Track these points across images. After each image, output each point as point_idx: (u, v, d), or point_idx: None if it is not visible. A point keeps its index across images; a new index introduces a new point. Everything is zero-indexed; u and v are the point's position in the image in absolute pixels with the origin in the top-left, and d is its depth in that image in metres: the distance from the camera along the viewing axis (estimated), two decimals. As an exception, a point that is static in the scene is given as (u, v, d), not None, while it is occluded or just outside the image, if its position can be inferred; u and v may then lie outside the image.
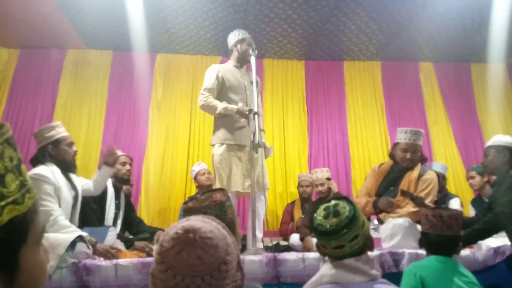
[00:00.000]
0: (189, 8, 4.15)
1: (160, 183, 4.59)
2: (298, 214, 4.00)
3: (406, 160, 2.82)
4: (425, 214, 1.83)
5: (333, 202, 1.29)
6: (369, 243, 1.27)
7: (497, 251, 2.32)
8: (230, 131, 2.95)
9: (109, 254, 2.27)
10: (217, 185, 2.79)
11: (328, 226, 1.22)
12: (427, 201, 2.64)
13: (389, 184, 2.91)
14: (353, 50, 5.15)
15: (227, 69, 3.13)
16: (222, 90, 3.06)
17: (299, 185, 4.13)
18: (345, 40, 4.88)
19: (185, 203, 1.41)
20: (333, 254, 1.23)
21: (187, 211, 1.36)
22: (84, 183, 2.71)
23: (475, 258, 2.30)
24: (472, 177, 3.62)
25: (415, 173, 2.81)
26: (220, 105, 2.91)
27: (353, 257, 1.21)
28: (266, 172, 3.09)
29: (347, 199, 1.30)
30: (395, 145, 2.94)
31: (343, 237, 1.20)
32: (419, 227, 2.34)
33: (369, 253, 1.27)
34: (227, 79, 3.06)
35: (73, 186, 2.49)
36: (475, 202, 3.73)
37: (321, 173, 3.83)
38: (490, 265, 2.28)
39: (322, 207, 1.30)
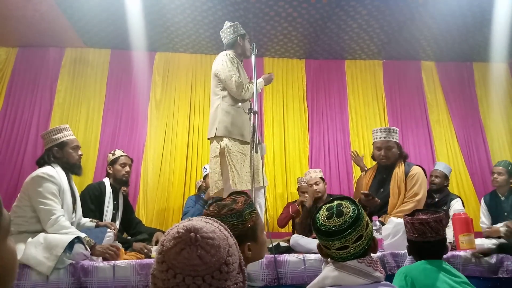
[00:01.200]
0: (188, 6, 4.13)
1: (159, 183, 4.55)
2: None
3: (381, 157, 2.91)
4: (410, 222, 1.78)
5: (336, 202, 1.26)
6: (373, 245, 1.24)
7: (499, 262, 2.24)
8: (238, 126, 2.86)
9: (110, 251, 2.24)
10: (231, 181, 2.71)
11: (331, 226, 1.19)
12: (421, 196, 2.74)
13: (378, 186, 2.96)
14: (354, 49, 5.12)
15: (236, 58, 3.02)
16: None
17: (299, 190, 4.09)
18: (346, 39, 4.85)
19: (208, 205, 1.38)
20: (336, 255, 1.20)
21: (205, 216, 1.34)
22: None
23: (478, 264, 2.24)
24: (500, 173, 3.45)
25: (400, 171, 2.87)
26: (258, 81, 3.00)
27: (356, 258, 1.18)
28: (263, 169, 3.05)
29: (350, 199, 1.26)
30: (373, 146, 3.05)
31: (347, 237, 1.17)
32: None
33: (372, 254, 1.23)
34: (238, 69, 2.97)
35: (72, 193, 2.51)
36: (490, 199, 3.56)
37: (315, 173, 3.79)
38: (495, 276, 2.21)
39: (325, 207, 1.26)
